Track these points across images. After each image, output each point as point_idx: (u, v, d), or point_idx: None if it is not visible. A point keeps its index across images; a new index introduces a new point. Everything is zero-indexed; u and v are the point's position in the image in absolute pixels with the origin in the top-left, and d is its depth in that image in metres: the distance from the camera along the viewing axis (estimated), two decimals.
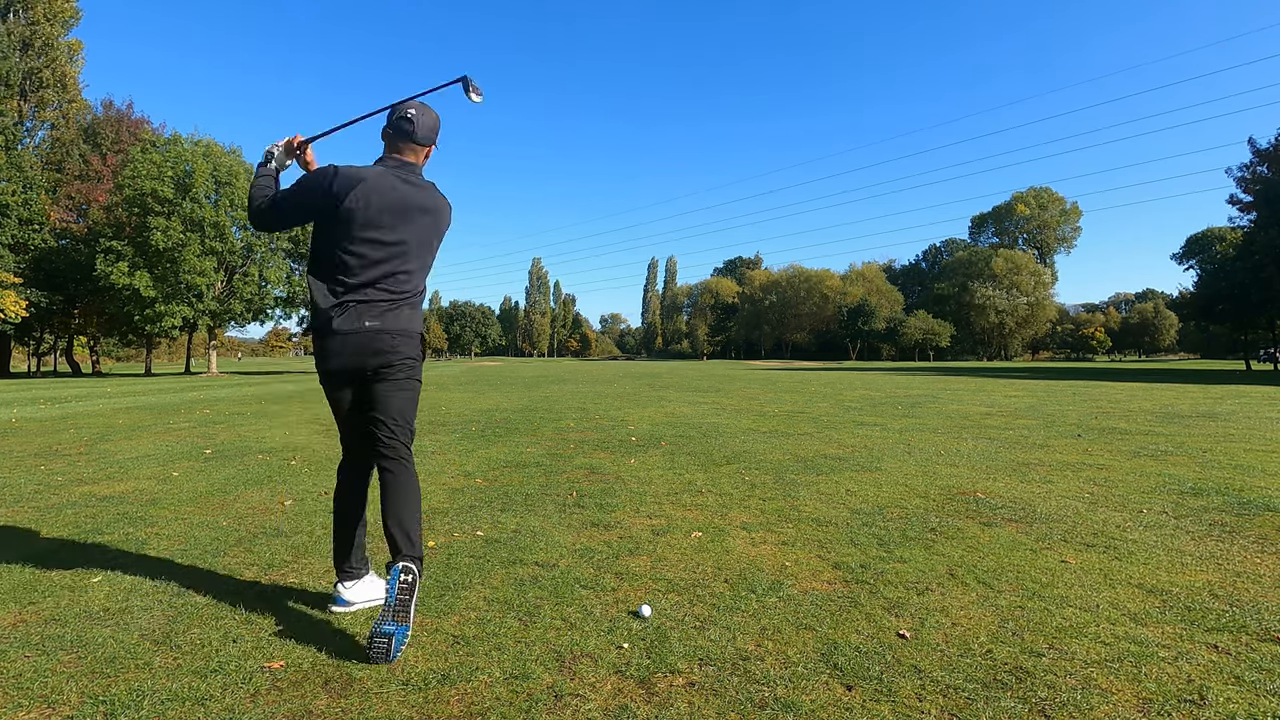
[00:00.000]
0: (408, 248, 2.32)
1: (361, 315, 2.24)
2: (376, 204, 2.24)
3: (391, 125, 2.35)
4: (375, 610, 2.36)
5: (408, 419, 2.37)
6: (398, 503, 2.26)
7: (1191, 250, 56.04)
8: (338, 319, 2.23)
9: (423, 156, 2.42)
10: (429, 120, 2.36)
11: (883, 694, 1.79)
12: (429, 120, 2.36)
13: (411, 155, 2.37)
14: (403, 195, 2.30)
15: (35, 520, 3.68)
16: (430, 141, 2.40)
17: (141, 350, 48.28)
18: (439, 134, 2.43)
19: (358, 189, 2.23)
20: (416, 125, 2.32)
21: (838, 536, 3.26)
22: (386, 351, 2.27)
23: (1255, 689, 1.80)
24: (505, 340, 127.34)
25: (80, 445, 6.70)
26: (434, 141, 2.42)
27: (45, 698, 1.78)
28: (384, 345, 2.27)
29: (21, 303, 27.19)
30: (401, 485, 2.30)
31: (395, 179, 2.29)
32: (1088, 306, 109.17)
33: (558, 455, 5.88)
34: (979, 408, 10.57)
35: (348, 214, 2.22)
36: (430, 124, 2.36)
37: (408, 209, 2.30)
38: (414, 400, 2.41)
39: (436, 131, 2.41)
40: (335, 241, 2.25)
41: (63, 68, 34.84)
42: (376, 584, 2.45)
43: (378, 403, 2.32)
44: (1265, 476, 4.69)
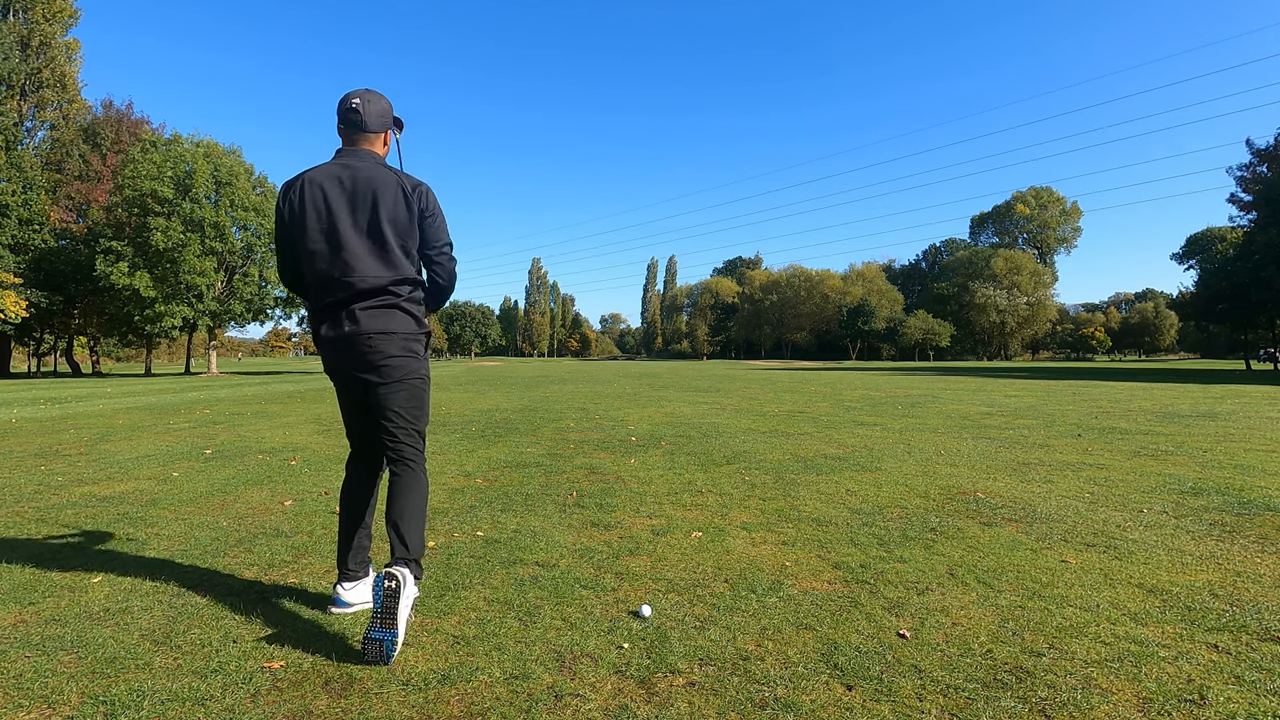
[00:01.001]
0: (353, 239, 2.20)
1: (340, 321, 2.21)
2: (309, 206, 2.21)
3: (341, 119, 2.28)
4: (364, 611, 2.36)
5: (410, 420, 2.32)
6: (396, 504, 2.25)
7: (1191, 250, 55.97)
8: (323, 328, 2.25)
9: (380, 143, 2.34)
10: (377, 106, 2.30)
11: (883, 694, 1.79)
12: (377, 106, 2.30)
13: (366, 144, 2.31)
14: (324, 185, 2.22)
15: (35, 520, 3.68)
16: (384, 127, 2.33)
17: (141, 350, 48.30)
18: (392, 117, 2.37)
19: (289, 195, 2.24)
20: (365, 114, 2.26)
21: (838, 536, 3.26)
22: (368, 354, 2.21)
23: (1255, 689, 1.80)
24: (505, 340, 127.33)
25: (80, 445, 6.70)
26: (389, 126, 2.35)
27: (45, 698, 1.78)
28: (364, 348, 2.21)
29: (21, 303, 27.18)
30: (402, 487, 2.27)
31: (327, 171, 2.24)
32: (1088, 306, 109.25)
33: (558, 455, 5.88)
34: (979, 407, 10.57)
35: (289, 226, 2.25)
36: (380, 109, 2.30)
37: (340, 201, 2.21)
38: (416, 401, 2.33)
39: (389, 115, 2.35)
40: (297, 257, 2.26)
41: (62, 67, 34.86)
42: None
43: (377, 406, 2.29)
44: (1265, 476, 4.69)
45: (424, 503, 2.30)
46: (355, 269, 2.19)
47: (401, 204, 2.23)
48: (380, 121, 2.31)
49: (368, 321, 2.21)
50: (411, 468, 2.30)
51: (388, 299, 2.23)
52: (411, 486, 2.28)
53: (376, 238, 2.21)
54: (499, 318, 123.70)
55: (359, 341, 2.20)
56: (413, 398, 2.32)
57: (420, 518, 2.26)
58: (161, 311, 30.17)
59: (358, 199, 2.21)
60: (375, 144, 2.34)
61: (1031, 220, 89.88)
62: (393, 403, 2.29)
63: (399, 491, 2.26)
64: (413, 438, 2.33)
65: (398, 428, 2.30)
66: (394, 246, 2.22)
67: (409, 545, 2.19)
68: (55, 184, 32.84)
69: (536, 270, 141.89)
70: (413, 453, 2.32)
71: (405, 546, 2.18)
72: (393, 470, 2.30)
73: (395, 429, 2.29)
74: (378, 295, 2.22)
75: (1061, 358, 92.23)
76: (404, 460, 2.30)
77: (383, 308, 2.23)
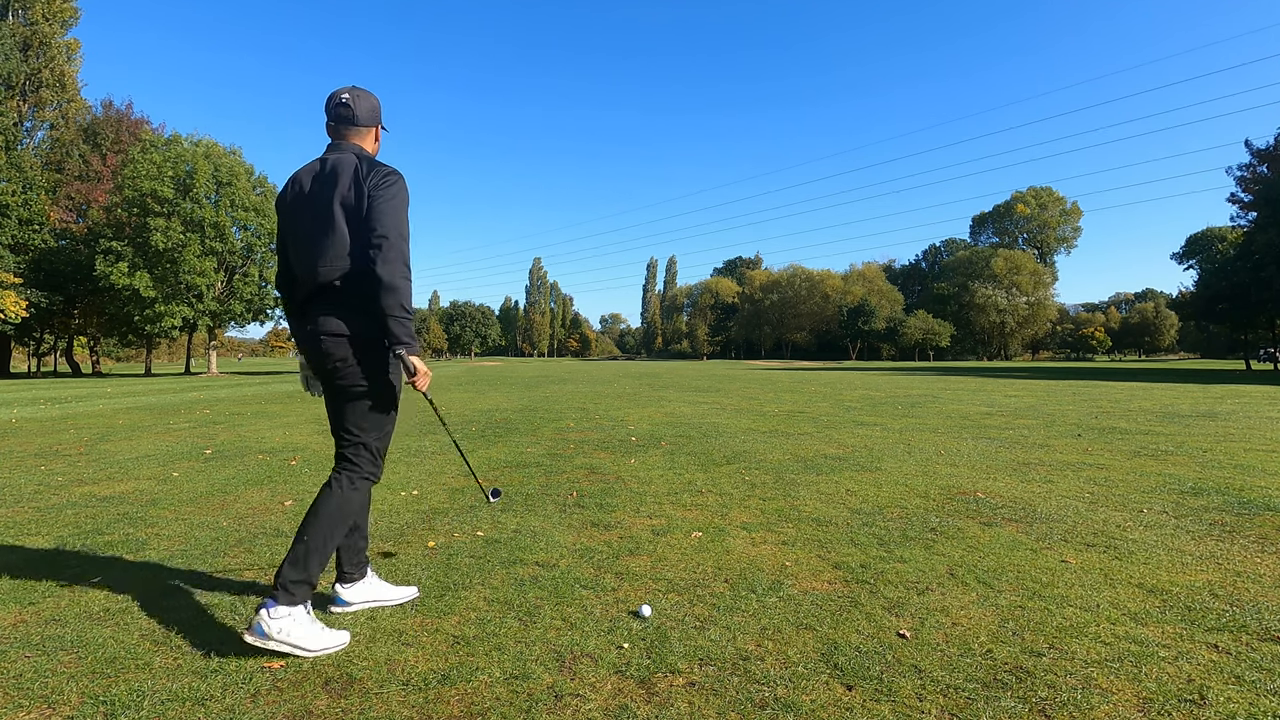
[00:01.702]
0: (309, 233, 2.12)
1: (303, 319, 2.17)
2: (284, 203, 2.22)
3: (330, 115, 2.24)
4: (375, 610, 2.36)
5: (355, 433, 2.17)
6: (305, 518, 2.12)
7: (1192, 250, 56.00)
8: (293, 324, 2.24)
9: (370, 139, 2.29)
10: (367, 102, 2.26)
11: (883, 694, 1.79)
12: (367, 102, 2.26)
13: (356, 138, 2.26)
14: (301, 178, 2.18)
15: (35, 520, 3.68)
16: (374, 122, 2.29)
17: (141, 350, 48.30)
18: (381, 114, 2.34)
19: (279, 195, 2.27)
20: (356, 108, 2.23)
21: (838, 536, 3.26)
22: (323, 356, 2.12)
23: (1255, 689, 1.80)
24: (505, 340, 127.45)
25: (80, 445, 6.70)
26: (378, 122, 2.31)
27: (45, 698, 1.78)
28: (318, 350, 2.12)
29: (21, 303, 27.18)
30: (317, 502, 2.12)
31: (309, 166, 2.21)
32: (1088, 306, 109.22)
33: (558, 455, 5.88)
34: (979, 407, 10.57)
35: (279, 225, 2.27)
36: (370, 105, 2.27)
37: (307, 190, 2.16)
38: (365, 409, 2.16)
39: (378, 112, 2.31)
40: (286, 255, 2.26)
41: (61, 67, 34.85)
42: (375, 586, 2.42)
43: (331, 411, 2.24)
44: (1265, 476, 4.69)
45: (331, 530, 2.09)
46: (310, 264, 2.10)
47: (354, 186, 2.09)
48: (370, 116, 2.27)
49: (322, 321, 2.11)
50: (338, 483, 2.13)
51: (340, 296, 2.10)
52: (323, 506, 2.10)
53: (329, 228, 2.09)
54: (499, 318, 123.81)
55: (314, 342, 2.12)
56: (361, 407, 2.16)
57: (317, 546, 2.05)
58: (161, 311, 30.16)
59: (322, 189, 2.13)
60: (366, 139, 2.28)
61: (1031, 220, 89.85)
62: (344, 411, 2.18)
63: (312, 506, 2.12)
64: (359, 452, 2.17)
65: (349, 436, 2.18)
66: (345, 237, 2.08)
67: (280, 571, 2.03)
68: (55, 184, 32.83)
69: (537, 270, 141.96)
70: (350, 468, 2.17)
71: (286, 569, 2.02)
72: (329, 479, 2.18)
73: (346, 437, 2.18)
74: (332, 292, 2.10)
75: (1061, 358, 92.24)
76: (342, 471, 2.16)
77: (335, 305, 2.11)
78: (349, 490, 2.14)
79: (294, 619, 1.99)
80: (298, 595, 2.02)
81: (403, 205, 2.11)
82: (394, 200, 2.08)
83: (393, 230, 2.04)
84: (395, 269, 2.02)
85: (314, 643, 2.00)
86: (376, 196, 2.06)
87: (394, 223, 2.05)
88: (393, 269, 2.02)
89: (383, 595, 2.41)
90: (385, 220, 2.04)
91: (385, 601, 2.40)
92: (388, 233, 2.03)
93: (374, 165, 2.15)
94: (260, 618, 1.97)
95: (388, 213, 2.05)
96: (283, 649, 1.97)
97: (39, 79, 33.87)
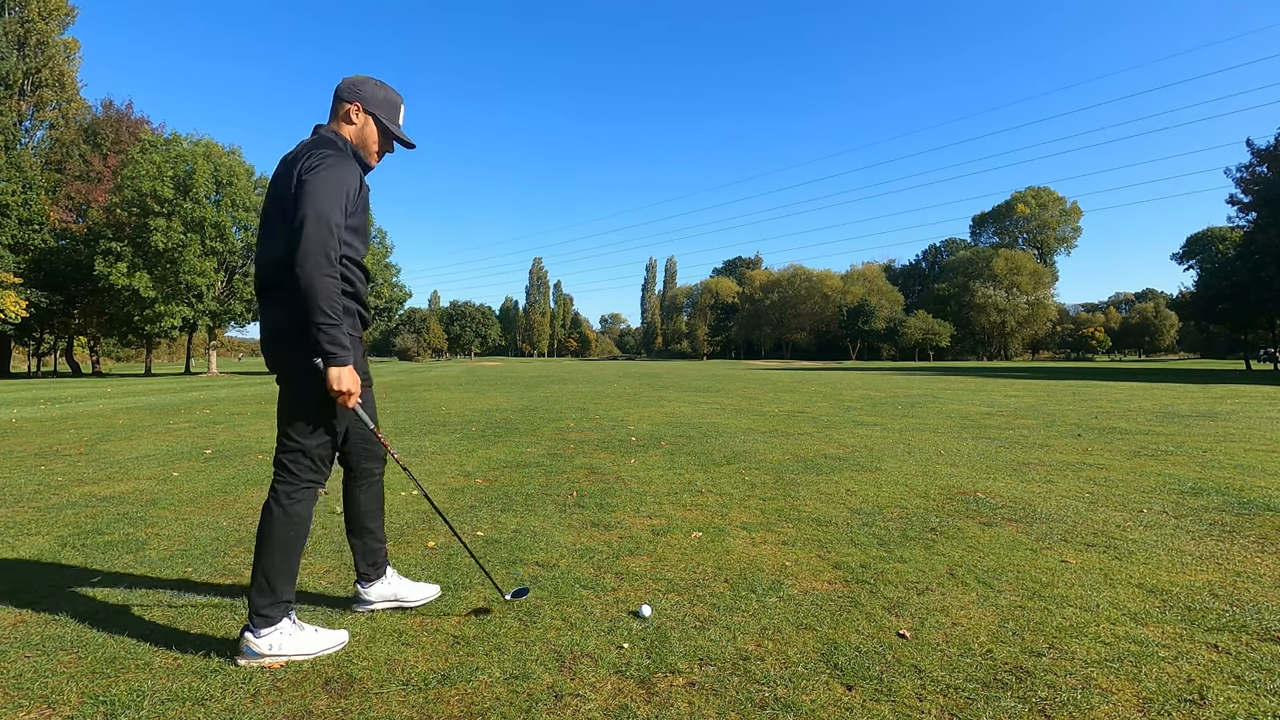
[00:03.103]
0: (267, 223, 2.01)
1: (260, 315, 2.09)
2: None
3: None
4: (393, 610, 2.34)
5: (299, 436, 2.01)
6: (256, 542, 2.01)
7: (1192, 250, 56.01)
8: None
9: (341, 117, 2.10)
10: (348, 80, 2.13)
11: (883, 694, 1.79)
12: (348, 80, 2.13)
13: (331, 120, 2.12)
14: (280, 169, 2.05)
15: (35, 520, 3.68)
16: (349, 98, 2.09)
17: (141, 350, 48.33)
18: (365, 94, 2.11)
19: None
20: (338, 87, 2.14)
21: (838, 536, 3.26)
22: (267, 355, 2.05)
23: (1255, 689, 1.80)
24: (505, 340, 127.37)
25: (80, 445, 6.70)
26: (355, 99, 2.09)
27: (45, 698, 1.78)
28: (264, 347, 2.05)
29: (21, 303, 27.19)
30: (261, 524, 2.00)
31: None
32: (1088, 306, 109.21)
33: (558, 455, 5.88)
34: (979, 407, 10.57)
35: None
36: (349, 83, 2.12)
37: (274, 179, 2.05)
38: (293, 414, 2.01)
39: (360, 89, 2.10)
40: None
41: (60, 66, 34.80)
42: (394, 583, 2.39)
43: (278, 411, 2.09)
44: (1265, 476, 4.69)
45: (284, 549, 1.97)
46: (260, 258, 2.02)
47: (293, 174, 1.94)
48: (348, 92, 2.09)
49: (265, 319, 2.03)
50: (276, 503, 1.99)
51: (279, 293, 1.97)
52: (268, 530, 1.98)
53: (265, 219, 2.01)
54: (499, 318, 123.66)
55: (261, 340, 2.06)
56: (289, 412, 2.02)
57: (276, 568, 1.96)
58: (161, 311, 30.17)
59: (283, 179, 1.99)
60: (338, 119, 2.10)
61: (1031, 220, 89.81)
62: (282, 414, 2.05)
63: (259, 530, 2.01)
64: (297, 460, 2.01)
65: (284, 441, 2.03)
66: (275, 228, 1.97)
67: (250, 599, 1.96)
68: (55, 184, 32.83)
69: (537, 270, 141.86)
70: (288, 479, 2.01)
71: (249, 600, 1.96)
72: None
73: (283, 442, 2.04)
74: (274, 289, 1.99)
75: (1061, 358, 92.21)
76: (275, 485, 2.02)
77: (274, 302, 1.99)
78: (290, 506, 2.01)
79: (281, 633, 1.97)
80: (275, 615, 1.97)
81: (331, 186, 1.88)
82: (317, 180, 1.87)
83: (310, 215, 1.83)
84: (312, 264, 1.82)
85: (309, 648, 1.99)
86: (303, 180, 1.88)
87: (314, 207, 1.84)
88: (310, 266, 1.82)
89: (402, 593, 2.38)
90: (302, 204, 1.85)
91: (406, 600, 2.38)
92: (304, 218, 1.83)
93: (315, 145, 1.98)
94: (246, 640, 1.94)
95: (306, 195, 1.85)
96: (280, 663, 1.95)
97: (38, 78, 33.83)
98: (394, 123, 2.16)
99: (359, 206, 2.04)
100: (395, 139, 2.20)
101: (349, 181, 1.95)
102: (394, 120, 2.16)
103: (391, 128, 2.15)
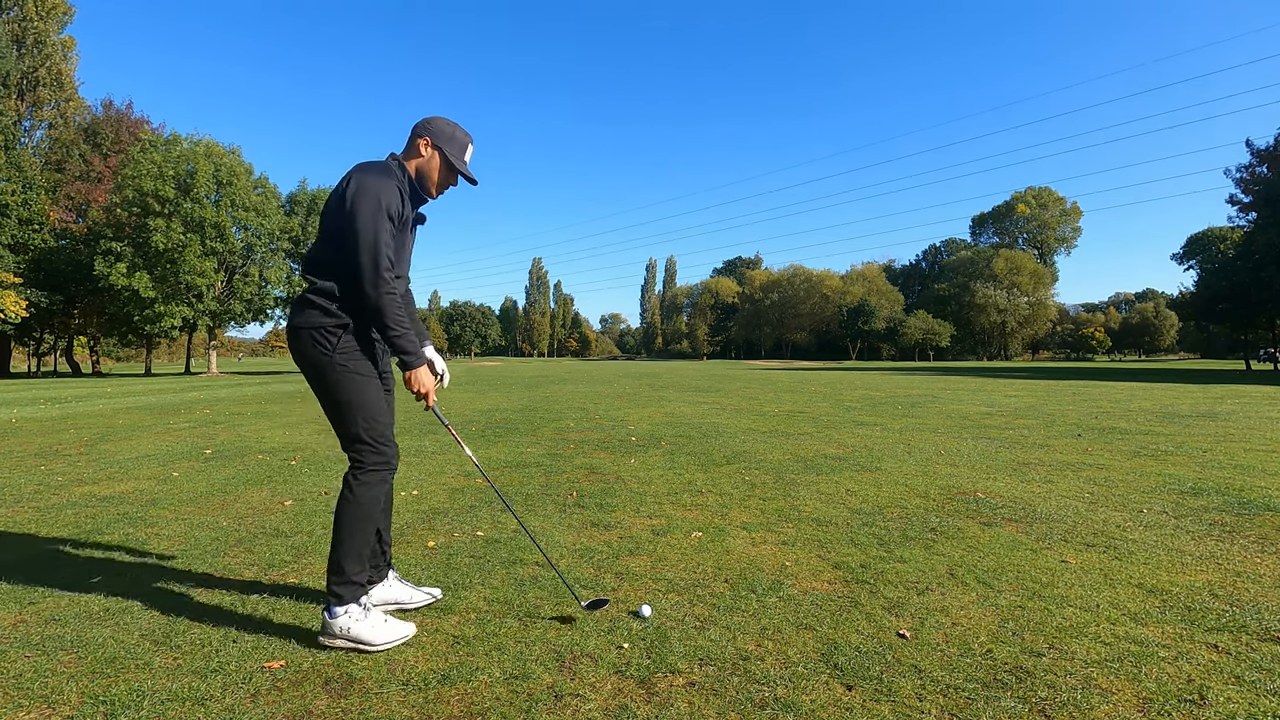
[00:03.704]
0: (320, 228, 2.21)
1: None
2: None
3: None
4: (393, 611, 2.33)
5: (335, 427, 2.20)
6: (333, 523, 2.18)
7: (1192, 250, 55.93)
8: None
9: (410, 149, 2.28)
10: (423, 119, 2.30)
11: (883, 694, 1.79)
12: (423, 119, 2.30)
13: (404, 149, 2.31)
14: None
15: (35, 520, 3.68)
16: (419, 133, 2.27)
17: (141, 350, 48.33)
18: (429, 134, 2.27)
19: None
20: (416, 124, 2.33)
21: (838, 536, 3.26)
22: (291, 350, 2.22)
23: (1255, 689, 1.80)
24: (505, 340, 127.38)
25: (80, 445, 6.70)
26: (424, 135, 2.26)
27: (45, 698, 1.78)
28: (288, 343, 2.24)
29: (21, 303, 27.19)
30: (336, 505, 2.17)
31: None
32: (1088, 306, 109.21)
33: (558, 455, 5.88)
34: (979, 407, 10.57)
35: None
36: (424, 122, 2.29)
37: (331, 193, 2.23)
38: (326, 404, 2.19)
39: (432, 126, 2.28)
40: None
41: (58, 65, 34.77)
42: (395, 588, 2.40)
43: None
44: (1265, 476, 4.69)
45: (351, 531, 2.13)
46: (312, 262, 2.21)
47: (340, 191, 2.12)
48: (420, 129, 2.27)
49: (290, 315, 2.22)
50: (346, 486, 2.17)
51: (305, 291, 2.19)
52: (339, 511, 2.16)
53: (321, 225, 2.20)
54: (499, 318, 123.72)
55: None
56: (324, 400, 2.20)
57: (344, 550, 2.12)
58: (161, 311, 30.17)
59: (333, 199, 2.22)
60: (409, 149, 2.29)
61: (1032, 220, 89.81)
62: (320, 405, 2.23)
63: (335, 510, 2.19)
64: (353, 447, 2.18)
65: (338, 435, 2.21)
66: (323, 234, 2.16)
67: (327, 577, 2.14)
68: (55, 184, 32.82)
69: (537, 270, 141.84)
70: (354, 466, 2.18)
71: (327, 578, 2.14)
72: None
73: (338, 436, 2.21)
74: (305, 288, 2.20)
75: (1061, 358, 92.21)
76: (347, 472, 2.19)
77: (299, 299, 2.20)
78: (358, 489, 2.15)
79: (351, 616, 2.08)
80: (345, 596, 2.10)
81: (369, 207, 2.05)
82: (359, 206, 2.05)
83: (362, 244, 2.04)
84: (371, 286, 2.05)
85: (377, 636, 2.07)
86: (351, 209, 2.06)
87: (364, 238, 2.04)
88: (370, 287, 2.05)
89: (402, 597, 2.40)
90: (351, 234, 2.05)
91: (405, 603, 2.39)
92: (358, 247, 2.04)
93: (363, 169, 2.14)
94: (324, 621, 2.09)
95: (355, 225, 2.05)
96: (350, 645, 2.06)
97: (36, 77, 33.80)
98: (459, 159, 2.31)
99: (400, 227, 2.17)
100: (459, 173, 2.34)
101: (387, 199, 2.09)
102: (459, 157, 2.31)
103: (456, 162, 2.29)
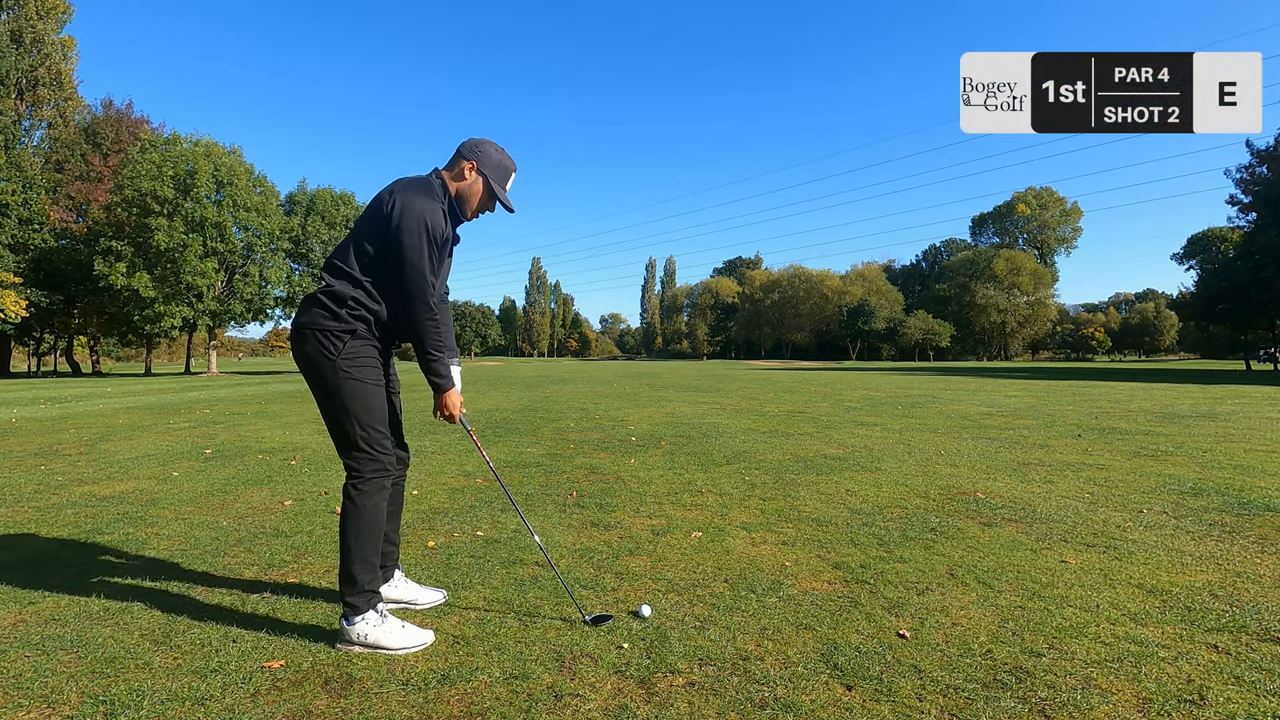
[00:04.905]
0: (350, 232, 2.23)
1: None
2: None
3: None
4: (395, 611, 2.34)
5: (331, 430, 2.18)
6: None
7: (1192, 250, 55.90)
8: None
9: (453, 169, 2.30)
10: (469, 141, 2.33)
11: (883, 694, 1.79)
12: (469, 141, 2.33)
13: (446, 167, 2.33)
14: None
15: (35, 520, 3.68)
16: (465, 155, 2.29)
17: (141, 350, 48.33)
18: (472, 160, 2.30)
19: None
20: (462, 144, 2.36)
21: (838, 536, 3.26)
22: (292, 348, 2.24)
23: (1255, 689, 1.80)
24: (505, 340, 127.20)
25: (80, 445, 6.70)
26: (470, 158, 2.29)
27: (45, 698, 1.78)
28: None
29: (21, 303, 27.20)
30: (340, 515, 2.16)
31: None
32: (1088, 306, 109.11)
33: (558, 455, 5.88)
34: (979, 408, 10.57)
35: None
36: (470, 143, 2.32)
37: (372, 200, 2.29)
38: (326, 409, 2.15)
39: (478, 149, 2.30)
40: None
41: (58, 65, 34.73)
42: (401, 587, 2.41)
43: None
44: (1265, 476, 4.69)
45: (356, 539, 2.10)
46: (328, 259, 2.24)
47: (381, 205, 2.15)
48: (466, 150, 2.30)
49: (296, 313, 2.20)
50: (346, 496, 2.14)
51: (317, 291, 2.17)
52: (342, 521, 2.14)
53: (353, 231, 2.21)
54: (499, 318, 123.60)
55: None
56: (322, 403, 2.17)
57: (352, 558, 2.10)
58: (161, 311, 30.18)
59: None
60: (452, 169, 2.30)
61: (1032, 220, 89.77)
62: (318, 408, 2.20)
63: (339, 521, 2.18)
64: (350, 454, 2.15)
65: (334, 440, 2.19)
66: (351, 237, 2.19)
67: (343, 584, 2.11)
68: (55, 184, 32.81)
69: (536, 270, 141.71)
70: (351, 474, 2.15)
71: (342, 584, 2.12)
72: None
73: (334, 440, 2.19)
74: (318, 289, 2.18)
75: (1061, 358, 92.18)
76: (346, 482, 2.16)
77: (308, 298, 2.18)
78: (359, 499, 2.13)
79: (367, 622, 2.08)
80: (360, 604, 2.09)
81: (415, 229, 2.06)
82: (406, 228, 2.07)
83: (409, 268, 2.07)
84: (416, 311, 2.12)
85: (395, 641, 2.07)
86: (397, 228, 2.08)
87: (410, 258, 2.07)
88: (414, 312, 2.12)
89: (408, 597, 2.41)
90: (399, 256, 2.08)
91: (411, 603, 2.39)
92: (405, 271, 2.08)
93: (409, 186, 2.16)
94: (342, 628, 2.09)
95: (402, 244, 2.07)
96: (368, 651, 2.05)
97: (35, 77, 33.77)
98: (501, 187, 2.33)
99: (441, 248, 2.19)
100: (498, 201, 2.35)
101: (432, 222, 2.11)
102: (502, 185, 2.33)
103: (498, 191, 2.31)
